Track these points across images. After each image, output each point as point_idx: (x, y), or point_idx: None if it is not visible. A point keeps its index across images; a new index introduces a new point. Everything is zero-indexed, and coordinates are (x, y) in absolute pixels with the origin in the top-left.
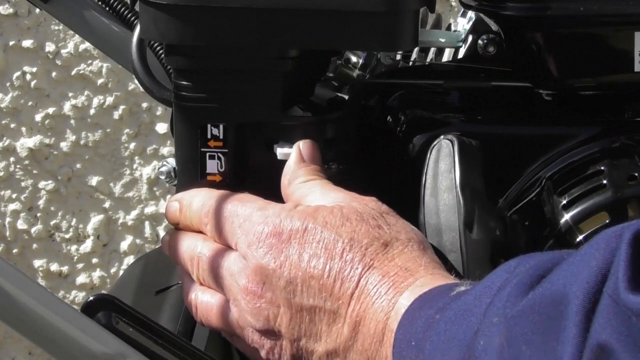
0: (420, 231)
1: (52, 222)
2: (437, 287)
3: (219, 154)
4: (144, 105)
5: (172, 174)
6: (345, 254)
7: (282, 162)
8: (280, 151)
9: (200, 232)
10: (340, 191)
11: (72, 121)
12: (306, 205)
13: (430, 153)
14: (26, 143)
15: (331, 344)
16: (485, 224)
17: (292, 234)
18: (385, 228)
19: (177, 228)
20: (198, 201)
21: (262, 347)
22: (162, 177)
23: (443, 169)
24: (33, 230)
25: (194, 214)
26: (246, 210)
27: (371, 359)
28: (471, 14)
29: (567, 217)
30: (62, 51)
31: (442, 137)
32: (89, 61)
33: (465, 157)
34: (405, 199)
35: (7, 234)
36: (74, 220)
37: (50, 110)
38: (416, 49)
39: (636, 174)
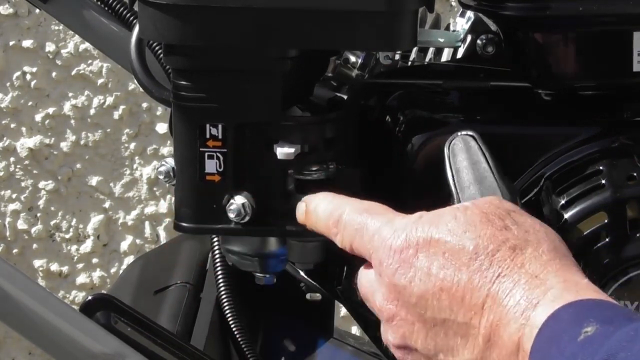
0: (550, 227)
1: (52, 222)
2: (566, 311)
3: (218, 154)
4: (144, 105)
5: (171, 173)
6: (472, 263)
7: (282, 162)
8: (280, 151)
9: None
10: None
11: (72, 121)
12: (430, 213)
13: (449, 150)
14: (26, 143)
15: (467, 356)
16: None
17: (419, 247)
18: (513, 229)
19: None
20: (324, 208)
21: None
22: (161, 177)
23: (464, 164)
24: (33, 230)
25: (320, 220)
26: (375, 224)
27: None
28: (470, 13)
29: (566, 216)
30: (62, 51)
31: (458, 134)
32: (89, 61)
33: (489, 150)
34: (404, 198)
35: (7, 234)
36: (74, 220)
37: (50, 110)
38: (415, 49)
39: (635, 174)
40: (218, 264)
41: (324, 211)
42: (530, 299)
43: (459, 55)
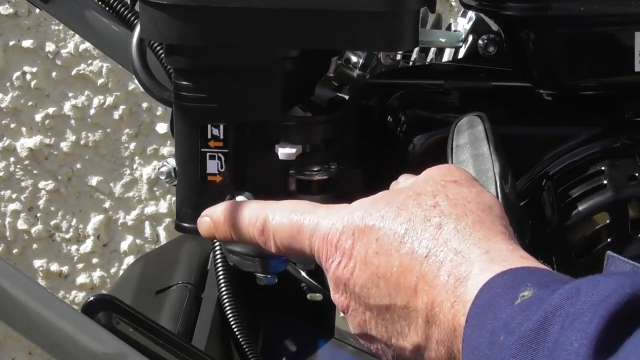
0: (492, 195)
1: (52, 222)
2: (499, 280)
3: (219, 154)
4: (144, 105)
5: (172, 174)
6: (402, 247)
7: (283, 162)
8: (281, 151)
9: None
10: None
11: (72, 121)
12: (367, 199)
13: (454, 127)
14: (26, 143)
15: (415, 338)
16: (514, 187)
17: (355, 237)
18: (442, 205)
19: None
20: (245, 217)
21: (371, 350)
22: (162, 177)
23: (466, 141)
24: (33, 230)
25: (240, 230)
26: (311, 222)
27: (451, 349)
28: (471, 14)
29: (567, 217)
30: (62, 51)
31: (464, 115)
32: (89, 61)
33: (492, 129)
34: None
35: (7, 234)
36: (74, 220)
37: (50, 110)
38: (416, 49)
39: (636, 174)
40: (219, 265)
41: (245, 221)
42: (456, 275)
43: (460, 55)
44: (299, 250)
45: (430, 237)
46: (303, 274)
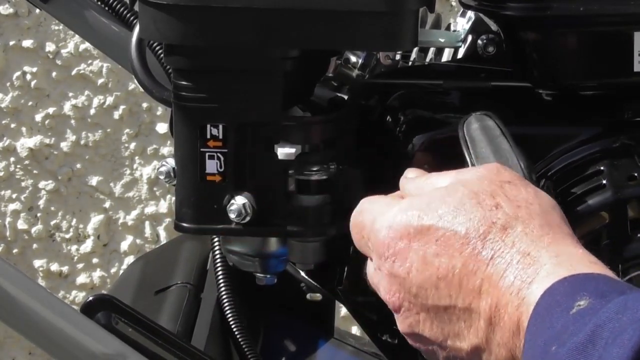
0: (547, 195)
1: (52, 222)
2: (560, 287)
3: (219, 154)
4: (144, 105)
5: (172, 174)
6: (465, 248)
7: (282, 162)
8: (281, 151)
9: None
10: (453, 171)
11: (72, 121)
12: (420, 198)
13: (464, 125)
14: (26, 143)
15: (474, 340)
16: (538, 183)
17: (411, 237)
18: (504, 206)
19: None
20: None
21: (421, 350)
22: (162, 177)
23: (480, 137)
24: (33, 230)
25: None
26: (369, 219)
27: (513, 351)
28: (471, 14)
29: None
30: (62, 51)
31: (472, 113)
32: (89, 61)
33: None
34: None
35: (7, 234)
36: (74, 220)
37: (51, 110)
38: (416, 49)
39: (636, 174)
40: (218, 264)
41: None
42: (523, 278)
43: (460, 55)
44: (361, 248)
45: (495, 238)
46: (303, 274)
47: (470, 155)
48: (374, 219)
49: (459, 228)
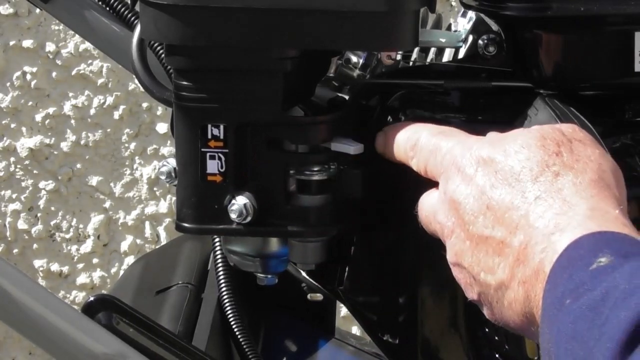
0: (614, 163)
1: (52, 222)
2: (585, 241)
3: (220, 154)
4: (144, 105)
5: (173, 174)
6: (515, 184)
7: (283, 162)
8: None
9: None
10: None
11: (73, 121)
12: (498, 134)
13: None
14: (26, 143)
15: (501, 275)
16: None
17: (479, 166)
18: (565, 155)
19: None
20: (403, 134)
21: (460, 282)
22: (163, 177)
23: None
24: (33, 230)
25: (399, 147)
26: (448, 144)
27: (529, 291)
28: (471, 14)
29: None
30: (62, 51)
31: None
32: (89, 61)
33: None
34: (405, 198)
35: (8, 234)
36: (74, 220)
37: (51, 110)
38: (416, 49)
39: (636, 174)
40: (219, 265)
41: (402, 137)
42: (557, 223)
43: (461, 55)
44: (432, 169)
45: (545, 181)
46: (303, 274)
47: (556, 115)
48: (454, 145)
49: (516, 165)
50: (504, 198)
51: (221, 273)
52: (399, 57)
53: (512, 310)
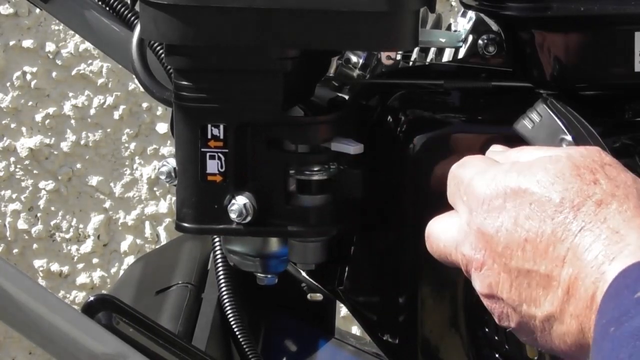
0: None
1: (52, 222)
2: (635, 268)
3: (220, 154)
4: (144, 105)
5: (173, 174)
6: (556, 216)
7: (283, 162)
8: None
9: None
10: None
11: (73, 121)
12: (522, 162)
13: (550, 105)
14: (26, 143)
15: (549, 308)
16: None
17: (507, 197)
18: (603, 183)
19: None
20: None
21: (494, 312)
22: (163, 177)
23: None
24: (33, 230)
25: None
26: (468, 175)
27: (583, 324)
28: (471, 14)
29: None
30: (62, 51)
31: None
32: (89, 61)
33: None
34: (405, 198)
35: (8, 234)
36: (74, 220)
37: (51, 110)
38: (416, 49)
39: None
40: (219, 264)
41: None
42: (607, 254)
43: (460, 55)
44: (455, 201)
45: (588, 211)
46: (303, 274)
47: (569, 131)
48: (475, 174)
49: (555, 196)
50: (544, 231)
51: (221, 273)
52: (399, 57)
53: (563, 342)
